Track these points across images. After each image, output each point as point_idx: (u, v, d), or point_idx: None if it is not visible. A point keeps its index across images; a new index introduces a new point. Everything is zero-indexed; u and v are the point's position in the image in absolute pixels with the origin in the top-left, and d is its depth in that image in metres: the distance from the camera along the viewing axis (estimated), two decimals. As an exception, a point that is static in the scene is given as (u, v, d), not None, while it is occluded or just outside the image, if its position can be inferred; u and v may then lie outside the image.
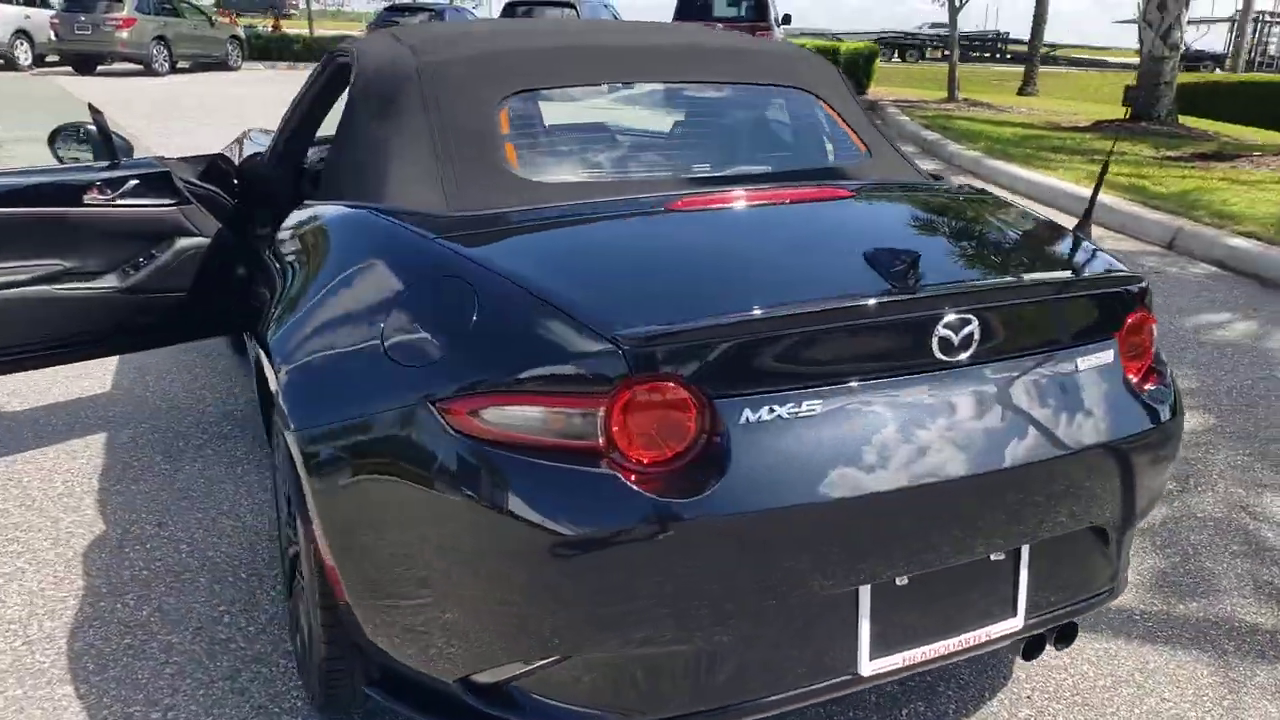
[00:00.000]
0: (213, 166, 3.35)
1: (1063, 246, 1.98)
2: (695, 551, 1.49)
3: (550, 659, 1.59)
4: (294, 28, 32.73)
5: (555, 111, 2.55)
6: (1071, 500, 1.74)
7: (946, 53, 20.97)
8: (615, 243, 1.88)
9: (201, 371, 4.13)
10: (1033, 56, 20.75)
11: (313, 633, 1.93)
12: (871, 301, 1.57)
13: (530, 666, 1.61)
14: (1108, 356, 1.82)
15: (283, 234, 2.36)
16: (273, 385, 1.92)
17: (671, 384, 1.49)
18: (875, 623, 1.66)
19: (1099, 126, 12.71)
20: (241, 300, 3.43)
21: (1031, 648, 1.91)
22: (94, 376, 4.03)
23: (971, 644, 1.76)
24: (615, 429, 1.49)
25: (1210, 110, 16.75)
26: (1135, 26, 12.90)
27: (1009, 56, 34.49)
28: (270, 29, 28.88)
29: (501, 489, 1.52)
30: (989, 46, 39.74)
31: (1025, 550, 1.76)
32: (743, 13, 16.55)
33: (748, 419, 1.52)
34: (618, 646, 1.55)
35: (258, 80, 20.22)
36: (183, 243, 3.24)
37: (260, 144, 3.80)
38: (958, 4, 16.14)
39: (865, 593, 1.63)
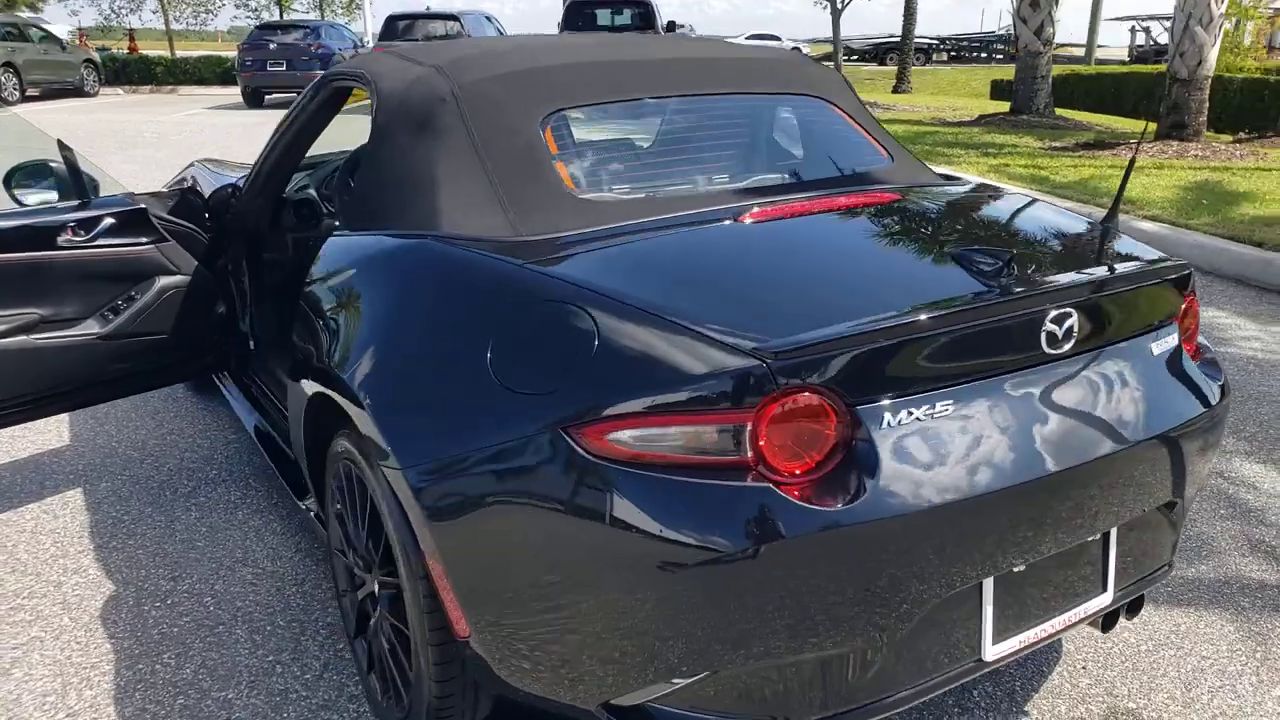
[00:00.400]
0: (184, 201, 3.21)
1: (1111, 239, 2.10)
2: (849, 557, 1.53)
3: (698, 676, 1.60)
4: (150, 48, 31.38)
5: (582, 128, 2.55)
6: (1157, 478, 1.85)
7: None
8: (712, 257, 1.90)
9: (166, 416, 3.95)
10: (904, 55, 21.57)
11: (420, 673, 1.89)
12: (994, 301, 1.64)
13: (677, 686, 1.62)
14: (1173, 340, 1.95)
15: (323, 268, 2.29)
16: (364, 425, 1.87)
17: (815, 393, 1.53)
18: (997, 609, 1.73)
19: (983, 121, 13.32)
20: (222, 340, 3.32)
21: (1109, 620, 2.02)
22: (49, 429, 3.81)
23: (1072, 621, 1.86)
24: (763, 442, 1.52)
25: (1069, 100, 17.78)
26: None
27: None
28: (127, 51, 27.59)
29: (648, 510, 1.52)
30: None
31: (1114, 529, 1.86)
32: (630, 21, 16.70)
33: (888, 423, 1.57)
34: (767, 657, 1.58)
35: (121, 106, 19.33)
36: (163, 282, 3.11)
37: (214, 176, 3.67)
38: (839, 6, 16.65)
39: (989, 582, 1.70)
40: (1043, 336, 1.71)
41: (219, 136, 13.85)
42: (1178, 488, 1.93)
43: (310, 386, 2.16)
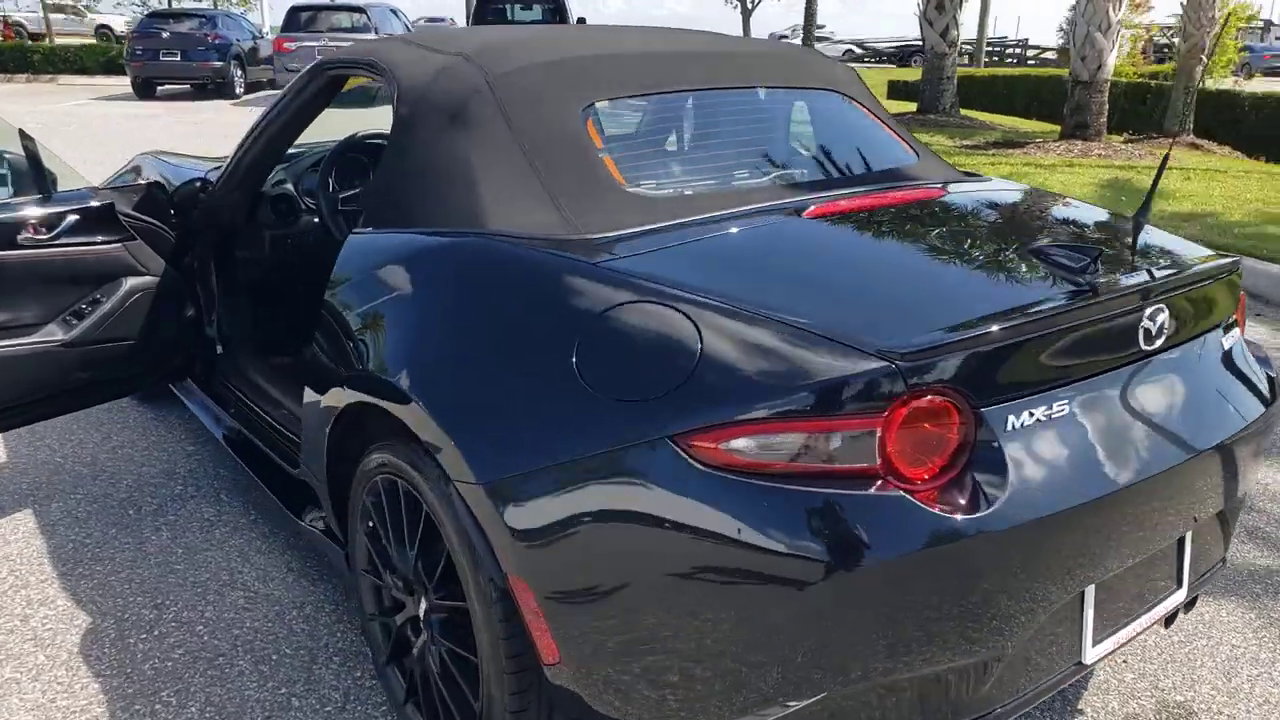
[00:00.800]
0: (149, 196, 2.96)
1: (1158, 235, 2.10)
2: (980, 564, 1.47)
3: (815, 698, 1.52)
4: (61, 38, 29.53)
5: (617, 122, 2.43)
6: (1234, 472, 1.85)
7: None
8: (797, 254, 1.82)
9: (113, 427, 3.66)
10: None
11: (490, 701, 1.75)
12: (1104, 298, 1.60)
13: (790, 710, 1.53)
14: (1236, 334, 1.96)
15: (351, 270, 2.11)
16: (431, 437, 1.72)
17: (941, 395, 1.47)
18: (1097, 610, 1.70)
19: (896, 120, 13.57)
20: (191, 344, 3.08)
21: (1172, 615, 2.02)
22: (-18, 445, 3.49)
23: (1155, 618, 1.84)
24: (892, 448, 1.45)
25: (966, 102, 18.32)
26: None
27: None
28: (1, 38, 25.95)
29: (768, 522, 1.43)
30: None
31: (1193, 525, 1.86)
32: (541, 17, 16.49)
33: (1012, 425, 1.52)
34: (887, 675, 1.50)
35: None
36: (130, 284, 2.87)
37: (171, 169, 3.41)
38: (750, 6, 16.80)
39: (1091, 584, 1.67)
40: (1140, 333, 1.68)
41: (114, 128, 13.12)
42: (1246, 481, 1.93)
43: (344, 396, 1.99)
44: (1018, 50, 38.41)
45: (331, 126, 3.14)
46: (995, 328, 1.50)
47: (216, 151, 4.07)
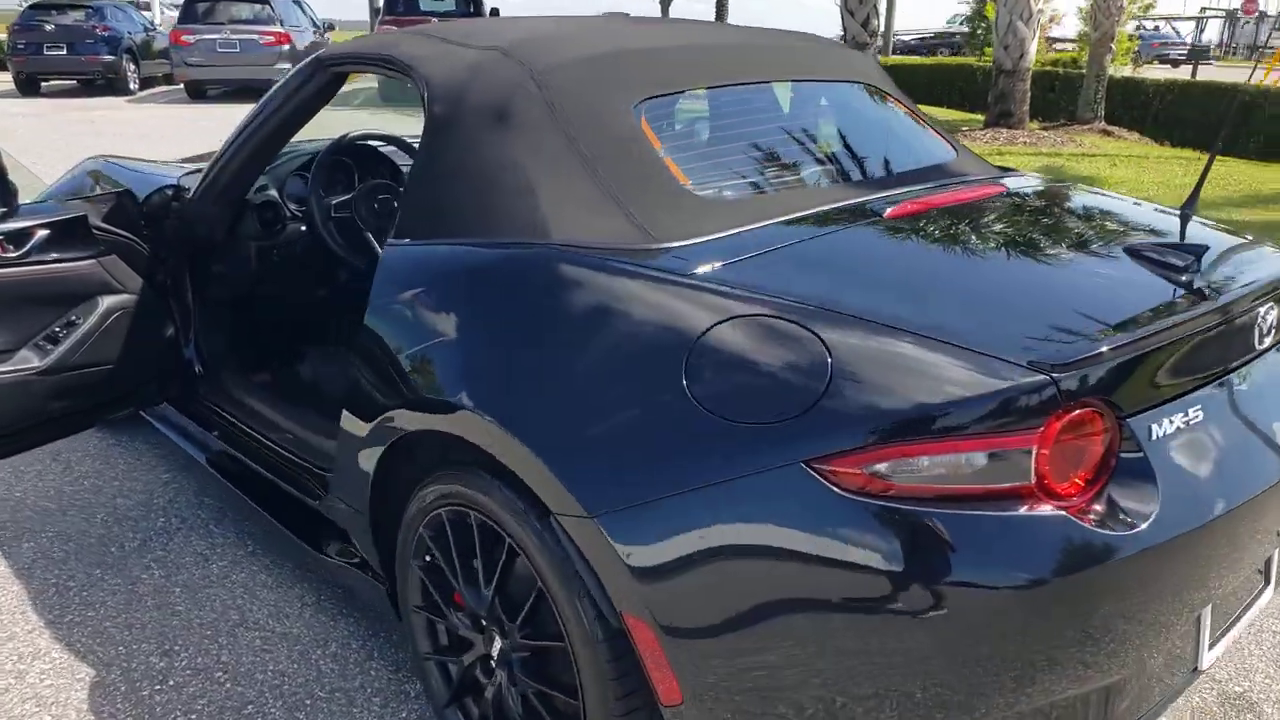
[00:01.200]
0: (119, 206, 2.73)
1: (1217, 230, 2.09)
2: (1135, 580, 1.42)
3: None
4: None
5: (666, 119, 2.31)
6: None
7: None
8: (906, 262, 1.74)
9: (73, 457, 3.38)
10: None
11: None
12: (1228, 299, 1.57)
13: None
14: None
15: (395, 287, 1.94)
16: (517, 464, 1.60)
17: (1092, 409, 1.41)
18: (1214, 615, 1.67)
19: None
20: (171, 366, 2.86)
21: None
22: (-72, 481, 3.19)
23: (1253, 617, 1.83)
24: (1045, 464, 1.39)
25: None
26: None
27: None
28: None
29: (916, 549, 1.36)
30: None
31: None
32: (453, 8, 16.12)
33: (1154, 434, 1.47)
34: (1035, 699, 1.44)
35: None
36: (107, 303, 2.64)
37: (131, 175, 3.16)
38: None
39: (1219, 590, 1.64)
40: (1255, 332, 1.66)
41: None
42: None
43: (404, 423, 1.84)
44: (923, 40, 39.42)
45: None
46: (1139, 334, 1.45)
47: (140, 153, 3.80)
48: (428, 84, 2.07)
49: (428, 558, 1.94)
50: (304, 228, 2.98)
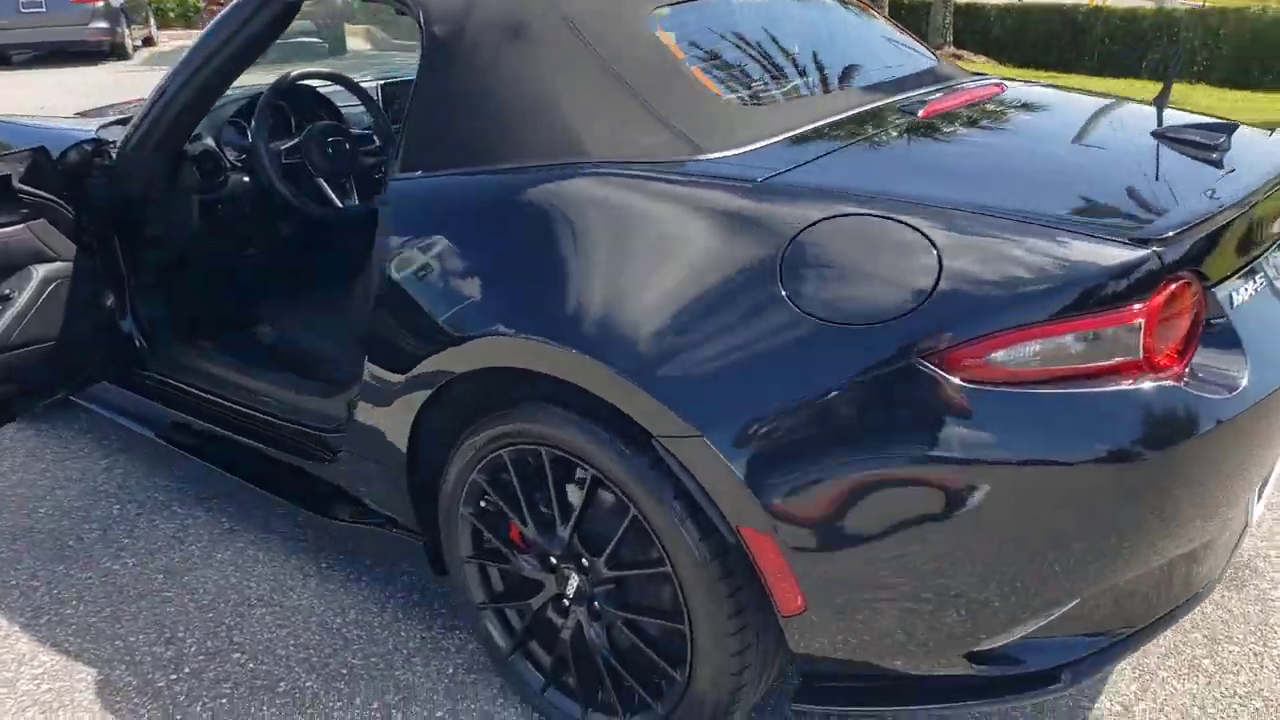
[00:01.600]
0: (35, 164, 2.45)
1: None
2: (1233, 445, 1.48)
3: (1071, 603, 1.49)
4: None
5: (677, 29, 2.21)
6: None
7: None
8: (969, 153, 1.74)
9: (34, 442, 3.06)
10: None
11: (703, 660, 1.61)
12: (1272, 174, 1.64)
13: (1052, 617, 1.50)
14: None
15: (425, 224, 1.80)
16: (606, 390, 1.54)
17: (1186, 280, 1.45)
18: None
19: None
20: (112, 339, 2.62)
21: None
22: None
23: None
24: (1151, 337, 1.42)
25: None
26: None
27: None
28: None
29: (1037, 432, 1.38)
30: None
31: None
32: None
33: (1233, 300, 1.53)
34: (1135, 568, 1.50)
35: None
36: (42, 273, 2.39)
37: (36, 132, 2.86)
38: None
39: None
40: None
41: None
42: None
43: (452, 363, 1.73)
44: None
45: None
46: (1218, 204, 1.50)
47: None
48: (436, 11, 1.92)
49: (482, 503, 1.85)
50: (246, 178, 2.76)
